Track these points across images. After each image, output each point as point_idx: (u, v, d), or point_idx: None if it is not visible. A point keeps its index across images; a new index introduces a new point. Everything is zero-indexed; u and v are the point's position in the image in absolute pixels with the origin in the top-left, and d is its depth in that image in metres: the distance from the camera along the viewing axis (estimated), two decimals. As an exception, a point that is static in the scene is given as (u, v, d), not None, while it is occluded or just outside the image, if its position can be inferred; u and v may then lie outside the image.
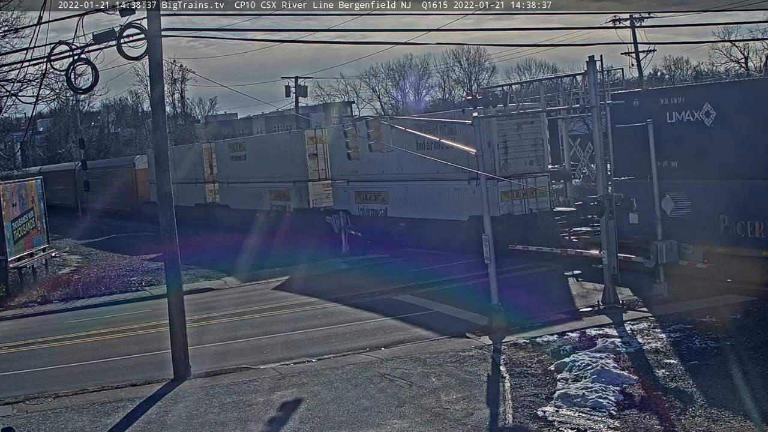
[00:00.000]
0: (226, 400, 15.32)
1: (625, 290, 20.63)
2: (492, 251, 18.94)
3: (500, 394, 14.46)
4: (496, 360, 16.54)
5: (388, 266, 29.22)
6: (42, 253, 33.55)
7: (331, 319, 22.08)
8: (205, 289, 28.48)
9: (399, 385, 15.35)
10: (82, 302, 27.85)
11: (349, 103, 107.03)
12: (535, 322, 19.06)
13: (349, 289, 25.37)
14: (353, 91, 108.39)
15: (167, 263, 17.98)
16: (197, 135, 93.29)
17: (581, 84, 20.88)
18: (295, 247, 34.52)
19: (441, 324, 20.20)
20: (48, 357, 20.53)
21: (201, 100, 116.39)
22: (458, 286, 23.89)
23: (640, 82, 49.66)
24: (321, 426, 13.58)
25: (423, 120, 29.98)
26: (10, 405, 16.16)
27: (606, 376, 14.40)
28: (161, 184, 17.82)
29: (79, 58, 17.92)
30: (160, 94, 17.88)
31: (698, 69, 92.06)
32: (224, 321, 22.91)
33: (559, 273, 24.65)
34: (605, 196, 19.66)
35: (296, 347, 19.28)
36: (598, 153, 20.12)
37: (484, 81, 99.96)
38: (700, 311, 18.39)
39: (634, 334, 17.14)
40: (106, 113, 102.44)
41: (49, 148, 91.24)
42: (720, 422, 12.26)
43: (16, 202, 30.98)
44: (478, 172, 19.38)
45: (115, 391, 16.58)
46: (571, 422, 12.85)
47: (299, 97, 61.07)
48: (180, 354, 17.37)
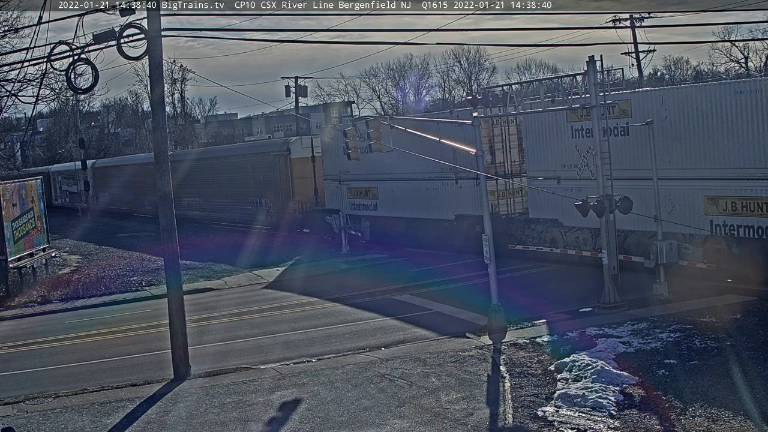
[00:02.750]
0: (226, 400, 15.32)
1: (625, 290, 20.59)
2: (492, 251, 18.94)
3: (500, 394, 14.46)
4: (496, 360, 16.54)
5: (387, 266, 29.23)
6: (42, 253, 33.55)
7: (331, 319, 22.08)
8: (205, 289, 28.48)
9: (399, 385, 15.35)
10: (82, 302, 27.84)
11: (349, 103, 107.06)
12: (535, 322, 19.08)
13: (349, 289, 25.38)
14: (353, 91, 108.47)
15: (167, 263, 17.98)
16: (197, 135, 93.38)
17: (581, 84, 20.81)
18: (296, 247, 34.56)
19: (441, 324, 20.22)
20: (48, 357, 20.53)
21: (201, 100, 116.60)
22: (458, 286, 23.90)
23: (640, 81, 49.68)
24: (321, 426, 13.58)
25: (423, 120, 30.01)
26: (10, 405, 16.16)
27: (606, 376, 14.40)
28: (161, 184, 17.84)
29: (79, 58, 17.94)
30: (160, 94, 17.88)
31: (698, 69, 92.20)
32: (224, 321, 22.92)
33: (559, 273, 24.67)
34: (605, 196, 19.66)
35: (296, 347, 19.28)
36: (598, 153, 20.11)
37: (484, 81, 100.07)
38: (700, 311, 18.39)
39: (634, 334, 17.14)
40: (106, 113, 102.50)
41: (49, 148, 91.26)
42: (720, 422, 12.26)
43: (16, 202, 30.98)
44: (478, 172, 19.36)
45: (115, 391, 16.58)
46: (571, 422, 12.85)
47: (299, 97, 61.09)
48: (180, 354, 17.37)
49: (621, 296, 19.81)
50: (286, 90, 60.64)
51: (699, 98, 21.02)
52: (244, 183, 45.09)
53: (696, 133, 21.00)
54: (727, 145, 20.25)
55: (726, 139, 20.27)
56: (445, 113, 32.07)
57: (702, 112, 20.76)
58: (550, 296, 21.43)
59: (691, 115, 21.10)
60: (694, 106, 21.05)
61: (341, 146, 27.72)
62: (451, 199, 29.46)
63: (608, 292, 19.76)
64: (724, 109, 20.23)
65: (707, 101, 20.70)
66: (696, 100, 21.10)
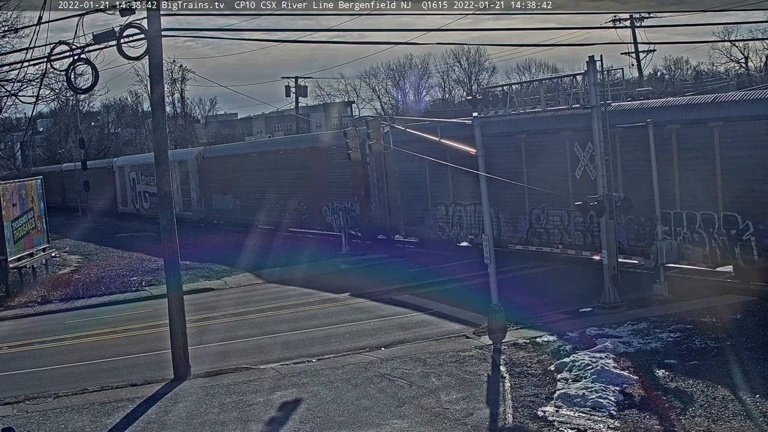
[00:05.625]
0: (226, 400, 15.32)
1: (625, 290, 20.59)
2: (492, 251, 18.95)
3: (500, 394, 14.46)
4: (496, 360, 16.54)
5: (387, 266, 29.21)
6: (42, 253, 33.55)
7: (331, 319, 22.08)
8: (205, 289, 28.47)
9: (399, 385, 15.35)
10: (82, 302, 27.83)
11: (349, 103, 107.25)
12: (535, 322, 19.07)
13: (349, 289, 25.38)
14: (353, 91, 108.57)
15: (167, 263, 17.99)
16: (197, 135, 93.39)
17: (581, 84, 20.80)
18: (296, 247, 34.55)
19: (441, 324, 20.22)
20: (48, 357, 20.52)
21: (201, 100, 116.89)
22: (458, 286, 23.89)
23: (640, 81, 49.68)
24: (321, 426, 13.58)
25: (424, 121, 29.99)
26: (10, 405, 16.16)
27: (606, 376, 14.40)
28: (161, 184, 17.85)
29: (79, 58, 17.94)
30: (160, 94, 17.88)
31: (698, 69, 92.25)
32: (224, 321, 22.91)
33: (559, 273, 24.67)
34: (605, 197, 19.66)
35: (296, 347, 19.28)
36: (598, 153, 20.11)
37: (484, 81, 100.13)
38: (700, 311, 18.38)
39: (634, 334, 17.14)
40: (106, 113, 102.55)
41: (49, 148, 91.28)
42: (720, 422, 12.26)
43: (16, 202, 30.98)
44: (478, 172, 19.36)
45: (115, 391, 16.58)
46: (571, 422, 12.85)
47: (299, 97, 61.17)
48: (180, 354, 17.38)
49: (621, 296, 19.81)
50: (286, 90, 60.77)
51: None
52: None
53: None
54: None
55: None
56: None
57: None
58: (550, 296, 21.42)
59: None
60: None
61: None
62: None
63: (608, 292, 19.76)
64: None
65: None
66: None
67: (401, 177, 31.50)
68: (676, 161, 21.15)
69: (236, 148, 51.50)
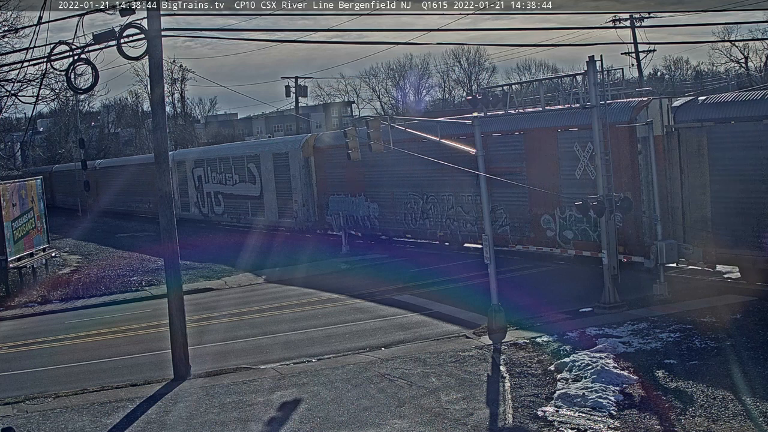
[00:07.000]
0: (226, 400, 15.32)
1: (625, 290, 20.60)
2: (492, 251, 18.95)
3: (500, 394, 14.46)
4: (496, 360, 16.54)
5: (387, 266, 29.21)
6: (42, 253, 33.56)
7: (330, 319, 22.08)
8: (205, 289, 28.48)
9: (399, 385, 15.36)
10: (82, 302, 27.82)
11: (349, 103, 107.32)
12: (535, 322, 19.07)
13: (349, 289, 25.38)
14: (353, 91, 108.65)
15: (167, 263, 17.99)
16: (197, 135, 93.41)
17: (581, 84, 20.79)
18: (296, 247, 34.55)
19: (441, 324, 20.22)
20: (48, 357, 20.52)
21: (201, 100, 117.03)
22: (458, 286, 23.90)
23: (641, 81, 49.68)
24: (321, 426, 13.58)
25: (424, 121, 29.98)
26: (10, 405, 16.16)
27: (606, 376, 14.40)
28: (161, 184, 17.85)
29: (79, 58, 17.94)
30: (160, 94, 17.89)
31: (698, 69, 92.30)
32: (224, 321, 22.91)
33: (559, 273, 24.66)
34: (605, 196, 19.66)
35: (296, 347, 19.28)
36: (598, 153, 20.11)
37: (484, 81, 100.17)
38: (700, 311, 18.38)
39: (634, 334, 17.14)
40: (106, 113, 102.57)
41: (49, 148, 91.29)
42: (720, 422, 12.25)
43: (16, 202, 30.99)
44: (478, 172, 19.36)
45: (115, 391, 16.58)
46: (571, 422, 12.85)
47: (299, 97, 61.17)
48: (180, 354, 17.38)
49: (621, 296, 19.81)
50: (286, 90, 60.76)
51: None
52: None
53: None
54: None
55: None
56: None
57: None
58: (550, 296, 21.42)
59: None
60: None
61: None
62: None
63: (608, 292, 19.76)
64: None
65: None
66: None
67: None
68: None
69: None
